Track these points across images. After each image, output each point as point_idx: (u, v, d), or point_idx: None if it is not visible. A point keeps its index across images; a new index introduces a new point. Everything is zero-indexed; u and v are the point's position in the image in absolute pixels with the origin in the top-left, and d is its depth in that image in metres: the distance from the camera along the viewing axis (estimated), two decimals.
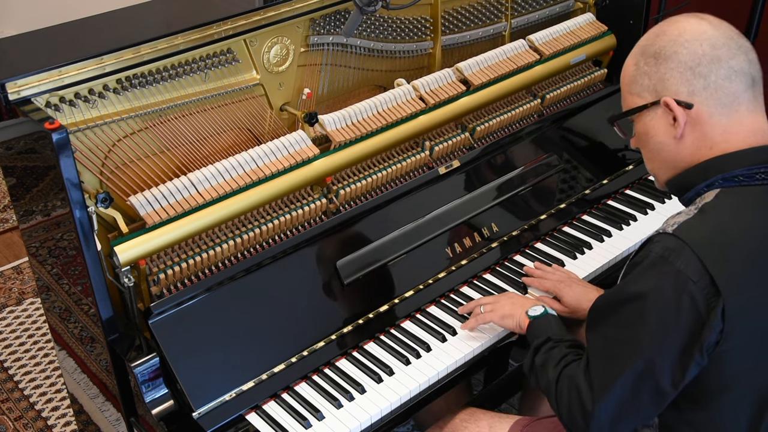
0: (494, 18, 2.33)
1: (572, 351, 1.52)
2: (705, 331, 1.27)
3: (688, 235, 1.30)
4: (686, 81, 1.36)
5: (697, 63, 1.35)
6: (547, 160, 2.21)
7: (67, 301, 1.90)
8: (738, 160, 1.35)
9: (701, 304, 1.27)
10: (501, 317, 1.75)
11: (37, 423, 2.65)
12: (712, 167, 1.37)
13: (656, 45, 1.40)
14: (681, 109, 1.36)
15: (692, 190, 1.41)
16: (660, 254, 1.30)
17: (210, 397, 1.62)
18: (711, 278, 1.26)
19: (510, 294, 1.84)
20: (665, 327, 1.29)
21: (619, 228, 2.14)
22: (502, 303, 1.77)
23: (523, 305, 1.72)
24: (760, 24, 3.14)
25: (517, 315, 1.71)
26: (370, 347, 1.80)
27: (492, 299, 1.81)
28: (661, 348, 1.30)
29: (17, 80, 1.54)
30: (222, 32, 1.78)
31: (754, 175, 1.34)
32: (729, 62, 1.34)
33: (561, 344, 1.55)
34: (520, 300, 1.77)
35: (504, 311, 1.74)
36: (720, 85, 1.34)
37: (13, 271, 3.42)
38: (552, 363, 1.51)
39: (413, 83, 2.05)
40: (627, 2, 2.45)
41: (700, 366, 1.30)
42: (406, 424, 2.35)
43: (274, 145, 1.81)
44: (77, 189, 1.50)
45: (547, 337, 1.58)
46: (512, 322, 1.72)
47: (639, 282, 1.33)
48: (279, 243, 1.80)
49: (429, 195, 2.01)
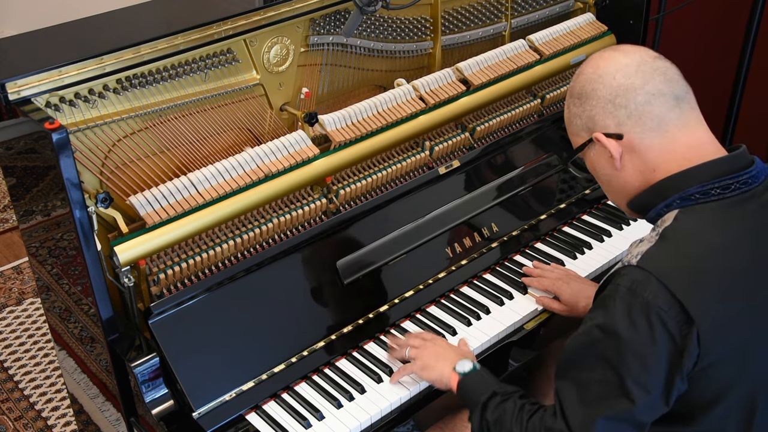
0: (494, 18, 2.33)
1: (526, 401, 1.45)
2: (684, 359, 1.27)
3: (653, 264, 1.29)
4: (610, 114, 1.40)
5: (614, 95, 1.39)
6: (547, 160, 2.21)
7: (67, 301, 1.90)
8: (691, 178, 1.36)
9: (675, 333, 1.26)
10: (421, 368, 1.65)
11: (37, 423, 2.65)
12: (667, 187, 1.38)
13: (577, 86, 1.46)
14: (613, 141, 1.40)
15: (653, 210, 1.41)
16: (627, 287, 1.30)
17: (210, 397, 1.62)
18: (681, 305, 1.25)
19: (437, 341, 1.70)
20: (643, 361, 1.27)
21: (619, 228, 2.14)
22: (426, 352, 1.66)
23: (449, 359, 1.63)
24: (760, 24, 3.14)
25: (439, 368, 1.62)
26: (370, 347, 1.80)
27: (419, 342, 1.70)
28: (642, 383, 1.28)
29: (17, 80, 1.54)
30: (222, 32, 1.78)
31: (709, 191, 1.34)
32: (644, 87, 1.37)
33: (512, 396, 1.47)
34: (446, 351, 1.66)
35: (425, 362, 1.65)
36: (642, 111, 1.37)
37: (13, 271, 3.42)
38: (509, 417, 1.43)
39: (413, 83, 2.05)
40: (627, 2, 2.45)
41: (680, 391, 1.30)
42: (406, 424, 2.35)
43: (274, 145, 1.81)
44: (77, 189, 1.50)
45: (493, 392, 1.49)
46: (435, 375, 1.62)
47: (609, 317, 1.31)
48: (279, 243, 1.80)
49: (429, 195, 2.01)
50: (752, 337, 1.32)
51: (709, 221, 1.34)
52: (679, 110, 1.38)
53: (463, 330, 1.83)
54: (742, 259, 1.32)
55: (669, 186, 1.38)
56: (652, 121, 1.37)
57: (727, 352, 1.29)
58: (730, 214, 1.34)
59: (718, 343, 1.27)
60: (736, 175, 1.35)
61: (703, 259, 1.30)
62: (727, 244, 1.32)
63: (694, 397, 1.32)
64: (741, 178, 1.35)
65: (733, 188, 1.34)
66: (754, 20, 3.11)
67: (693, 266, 1.29)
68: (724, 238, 1.32)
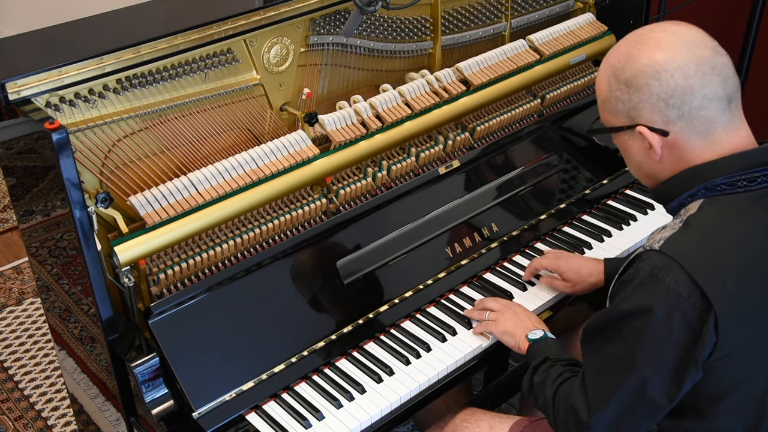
0: (494, 18, 2.33)
1: (569, 369, 1.54)
2: (699, 346, 1.27)
3: (676, 250, 1.30)
4: (660, 112, 1.34)
5: (669, 95, 1.33)
6: (547, 160, 2.21)
7: (67, 301, 1.90)
8: (718, 168, 1.35)
9: (693, 320, 1.27)
10: (501, 332, 1.75)
11: (37, 423, 2.65)
12: (694, 177, 1.37)
13: (627, 72, 1.36)
14: (657, 136, 1.36)
15: (676, 200, 1.40)
16: (649, 272, 1.30)
17: (210, 397, 1.62)
18: (702, 293, 1.26)
19: (515, 308, 1.80)
20: (659, 345, 1.29)
21: (619, 228, 2.14)
22: (507, 317, 1.76)
23: (525, 326, 1.72)
24: (760, 24, 3.13)
25: (517, 335, 1.71)
26: (370, 347, 1.80)
27: (498, 306, 1.80)
28: (655, 366, 1.30)
29: (17, 80, 1.54)
30: (222, 32, 1.78)
31: (735, 182, 1.34)
32: (702, 91, 1.32)
33: (558, 363, 1.57)
34: (523, 318, 1.76)
35: (505, 327, 1.75)
36: (694, 115, 1.33)
37: (13, 271, 3.42)
38: (549, 381, 1.53)
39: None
40: (627, 2, 2.46)
41: (695, 380, 1.31)
42: (406, 424, 2.35)
43: (274, 145, 1.81)
44: (77, 189, 1.50)
45: (545, 357, 1.60)
46: (512, 341, 1.73)
47: (630, 301, 1.33)
48: (279, 243, 1.80)
49: (429, 195, 2.01)
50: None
51: (734, 213, 1.33)
52: (729, 113, 1.35)
53: (463, 330, 1.83)
54: (765, 253, 1.31)
55: (696, 175, 1.36)
56: (702, 125, 1.34)
57: (743, 343, 1.30)
58: (756, 207, 1.33)
59: (735, 334, 1.28)
60: (763, 168, 1.34)
61: (726, 250, 1.30)
62: (751, 236, 1.32)
63: (706, 389, 1.32)
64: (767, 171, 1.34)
65: (760, 181, 1.33)
66: (755, 20, 3.11)
67: (715, 255, 1.29)
68: (748, 231, 1.32)
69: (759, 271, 1.31)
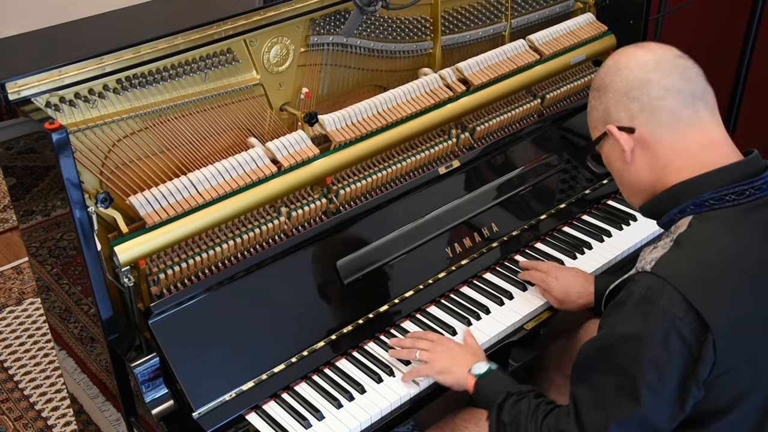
0: (494, 18, 2.33)
1: (541, 401, 1.47)
2: (699, 367, 1.26)
3: (668, 271, 1.29)
4: (624, 107, 1.39)
5: (629, 88, 1.38)
6: (547, 160, 2.21)
7: (67, 301, 1.90)
8: (705, 183, 1.35)
9: (691, 341, 1.25)
10: (437, 372, 1.65)
11: (37, 423, 2.65)
12: (681, 193, 1.37)
13: (597, 79, 1.45)
14: (625, 134, 1.40)
15: (666, 216, 1.41)
16: (642, 294, 1.29)
17: (210, 397, 1.62)
18: (697, 313, 1.25)
19: (447, 343, 1.71)
20: (659, 368, 1.27)
21: (619, 228, 2.14)
22: (439, 355, 1.67)
23: (463, 361, 1.64)
24: (760, 24, 3.14)
25: (456, 372, 1.63)
26: (370, 347, 1.80)
27: (428, 345, 1.70)
28: (657, 390, 1.28)
29: (17, 80, 1.54)
30: (222, 32, 1.78)
31: (723, 197, 1.33)
32: (660, 83, 1.36)
33: (527, 395, 1.50)
34: (458, 353, 1.67)
35: (441, 366, 1.65)
36: (654, 105, 1.36)
37: (13, 271, 3.42)
38: (524, 417, 1.45)
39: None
40: (627, 2, 2.45)
41: (697, 398, 1.29)
42: (406, 424, 2.35)
43: (274, 145, 1.81)
44: (77, 189, 1.50)
45: (507, 393, 1.52)
46: (450, 379, 1.63)
47: (624, 324, 1.31)
48: (279, 243, 1.80)
49: (429, 195, 2.01)
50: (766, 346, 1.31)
51: (724, 228, 1.32)
52: (693, 108, 1.36)
53: (463, 330, 1.82)
54: (757, 267, 1.31)
55: (683, 191, 1.37)
56: (664, 117, 1.36)
57: (741, 359, 1.29)
58: (745, 221, 1.33)
59: (733, 351, 1.27)
60: (750, 180, 1.33)
61: (718, 267, 1.29)
62: (742, 251, 1.31)
63: (707, 405, 1.31)
64: (755, 183, 1.34)
65: (748, 194, 1.33)
66: (755, 20, 3.11)
67: (708, 273, 1.28)
68: (740, 245, 1.31)
69: (751, 284, 1.30)
